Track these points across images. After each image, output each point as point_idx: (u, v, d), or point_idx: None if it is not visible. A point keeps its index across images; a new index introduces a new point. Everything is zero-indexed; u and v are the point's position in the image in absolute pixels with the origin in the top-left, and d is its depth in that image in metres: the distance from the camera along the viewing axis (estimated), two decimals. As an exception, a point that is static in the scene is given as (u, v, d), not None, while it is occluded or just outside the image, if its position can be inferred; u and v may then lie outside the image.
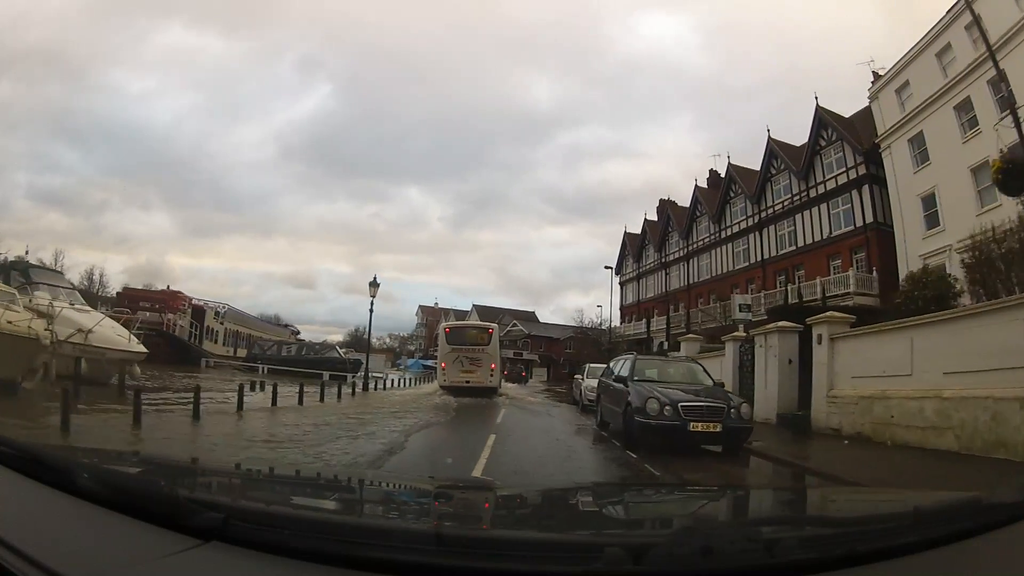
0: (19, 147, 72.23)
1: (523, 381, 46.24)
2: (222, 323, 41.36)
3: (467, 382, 21.62)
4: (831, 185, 26.55)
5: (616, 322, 45.60)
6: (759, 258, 31.32)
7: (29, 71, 74.87)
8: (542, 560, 0.93)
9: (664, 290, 41.08)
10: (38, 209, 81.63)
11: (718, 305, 29.96)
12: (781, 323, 13.40)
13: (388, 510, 1.58)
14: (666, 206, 41.25)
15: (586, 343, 46.96)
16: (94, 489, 1.13)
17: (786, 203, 29.28)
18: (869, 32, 59.82)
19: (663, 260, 41.94)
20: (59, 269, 31.58)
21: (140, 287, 49.49)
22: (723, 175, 35.41)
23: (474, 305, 67.71)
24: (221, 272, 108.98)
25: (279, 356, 35.48)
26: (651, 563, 0.89)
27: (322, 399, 15.94)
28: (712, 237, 35.83)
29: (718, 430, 8.34)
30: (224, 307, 43.13)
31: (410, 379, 37.48)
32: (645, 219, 44.86)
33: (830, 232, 26.60)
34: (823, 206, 27.07)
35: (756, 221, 31.50)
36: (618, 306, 46.90)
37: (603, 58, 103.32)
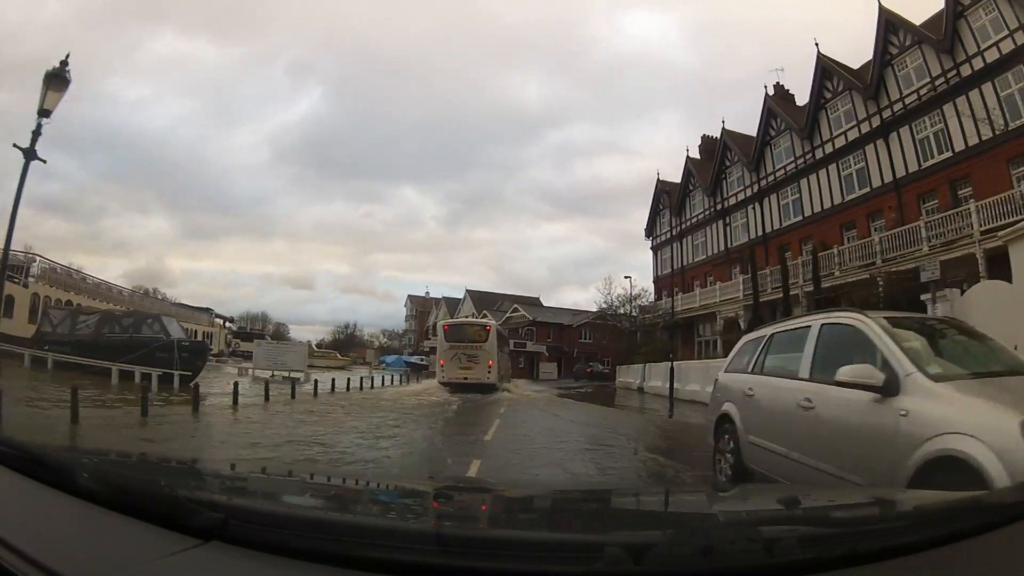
0: (16, 154, 72.49)
1: (589, 379, 37.30)
2: (25, 286, 25.59)
3: (465, 379, 21.84)
4: (1007, 47, 16.69)
5: (650, 298, 35.68)
6: (886, 179, 20.84)
7: (24, 80, 75.31)
8: (542, 560, 0.93)
9: (724, 247, 29.71)
10: (38, 216, 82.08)
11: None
12: None
13: (388, 510, 1.58)
14: (719, 139, 30.59)
15: (606, 329, 38.26)
16: (94, 489, 1.13)
17: (924, 91, 19.31)
18: (855, 26, 59.15)
19: (719, 207, 30.20)
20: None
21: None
22: (788, 94, 26.83)
23: (468, 291, 60.64)
24: (220, 274, 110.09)
25: (72, 336, 21.02)
26: (651, 563, 0.89)
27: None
28: (802, 160, 24.72)
29: None
30: (31, 257, 27.09)
31: (370, 380, 24.72)
32: (687, 157, 33.17)
33: (1005, 123, 16.67)
34: (990, 86, 17.16)
35: (875, 126, 21.17)
36: (651, 280, 37.23)
37: (590, 58, 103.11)
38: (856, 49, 24.36)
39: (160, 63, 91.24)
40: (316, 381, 19.98)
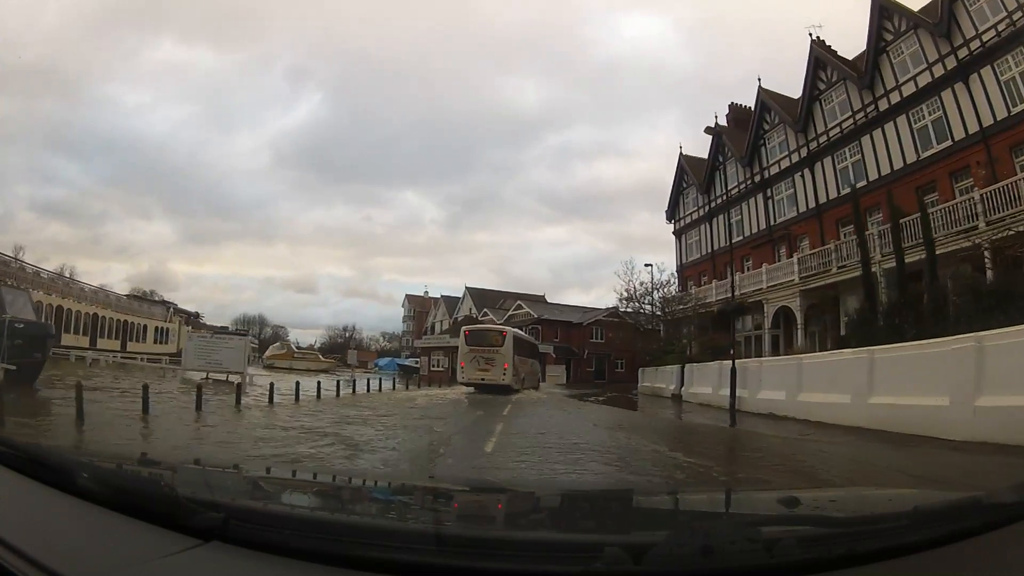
0: (19, 160, 74.34)
1: None
2: None
3: (483, 379, 23.74)
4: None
5: (673, 289, 29.75)
6: (970, 128, 17.17)
7: (26, 86, 76.23)
8: (542, 560, 0.93)
9: (766, 224, 25.18)
10: (41, 221, 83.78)
11: None
12: None
13: (388, 510, 1.58)
14: (755, 101, 25.82)
15: (621, 327, 34.18)
16: (94, 489, 1.13)
17: (1002, 27, 16.29)
18: (849, 20, 58.94)
19: (757, 178, 25.62)
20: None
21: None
22: (830, 49, 21.93)
23: (467, 288, 58.24)
24: (223, 278, 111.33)
25: None
26: (651, 563, 0.89)
27: None
28: (862, 115, 20.47)
29: None
30: None
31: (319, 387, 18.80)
32: (716, 125, 26.82)
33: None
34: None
35: (951, 68, 17.69)
36: (674, 269, 31.56)
37: (587, 60, 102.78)
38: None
39: (160, 69, 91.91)
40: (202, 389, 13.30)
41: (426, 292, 73.11)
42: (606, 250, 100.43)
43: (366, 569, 0.91)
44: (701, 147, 29.86)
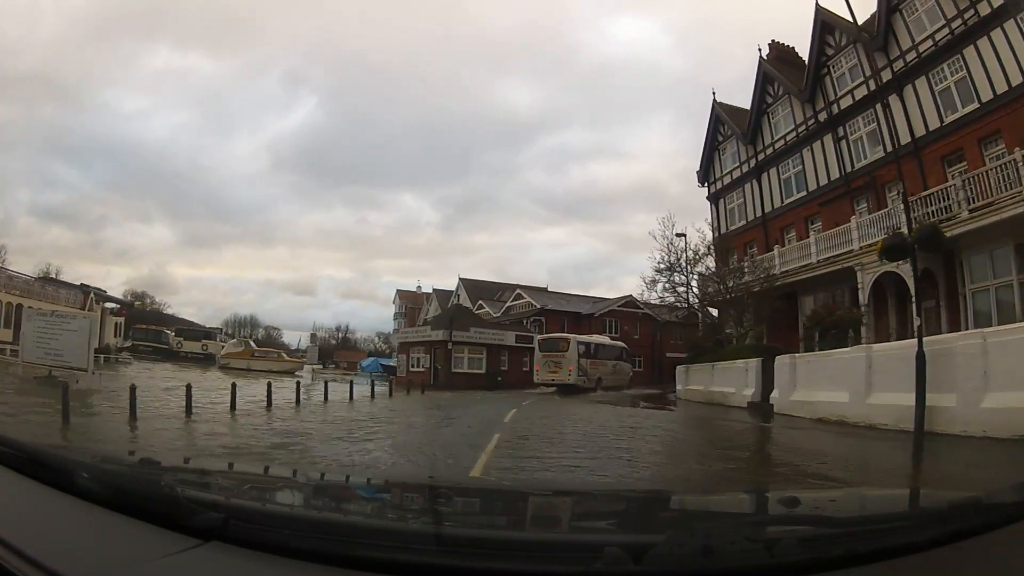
0: (19, 165, 75.05)
1: None
2: None
3: (553, 379, 28.01)
4: None
5: (704, 264, 24.08)
6: None
7: (24, 92, 76.59)
8: (542, 560, 0.93)
9: (840, 172, 19.03)
10: (41, 225, 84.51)
11: None
12: None
13: (388, 510, 1.58)
14: (814, 21, 19.77)
15: (644, 320, 32.79)
16: (94, 489, 1.13)
17: None
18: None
19: (823, 116, 19.76)
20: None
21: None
22: None
23: (461, 279, 54.75)
24: (223, 281, 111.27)
25: None
26: (651, 563, 0.88)
27: None
28: (959, 23, 15.74)
29: None
30: None
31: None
32: (760, 60, 22.69)
33: None
34: None
35: None
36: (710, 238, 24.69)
37: (580, 63, 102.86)
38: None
39: (157, 75, 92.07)
40: None
41: (418, 287, 69.19)
42: (605, 251, 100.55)
43: (366, 569, 0.91)
44: (732, 97, 25.77)
